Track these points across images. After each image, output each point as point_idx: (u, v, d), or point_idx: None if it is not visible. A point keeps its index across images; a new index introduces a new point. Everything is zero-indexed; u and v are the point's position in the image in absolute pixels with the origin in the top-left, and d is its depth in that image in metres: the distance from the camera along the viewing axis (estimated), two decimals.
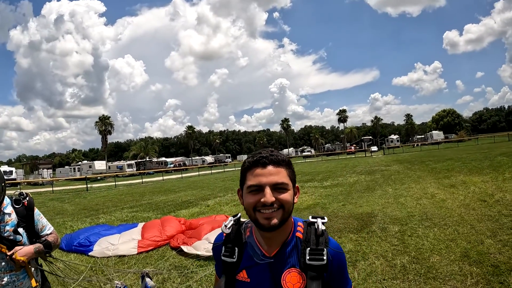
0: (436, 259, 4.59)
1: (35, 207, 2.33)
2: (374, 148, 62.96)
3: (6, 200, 2.21)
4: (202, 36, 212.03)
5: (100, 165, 57.14)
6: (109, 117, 66.61)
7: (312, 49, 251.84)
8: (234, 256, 1.28)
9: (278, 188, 1.19)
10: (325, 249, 1.21)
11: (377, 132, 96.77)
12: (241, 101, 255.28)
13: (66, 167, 66.69)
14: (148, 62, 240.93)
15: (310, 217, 1.32)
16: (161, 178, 37.00)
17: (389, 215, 7.49)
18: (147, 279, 3.04)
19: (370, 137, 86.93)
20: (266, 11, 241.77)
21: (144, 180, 33.84)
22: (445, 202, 8.22)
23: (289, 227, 1.28)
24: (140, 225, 8.13)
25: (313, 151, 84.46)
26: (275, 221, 1.16)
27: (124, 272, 5.14)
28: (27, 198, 2.30)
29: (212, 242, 5.27)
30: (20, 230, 2.18)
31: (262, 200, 1.16)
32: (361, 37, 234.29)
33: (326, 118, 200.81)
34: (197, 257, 5.68)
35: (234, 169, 47.56)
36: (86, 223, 10.27)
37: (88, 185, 28.67)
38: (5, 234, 2.09)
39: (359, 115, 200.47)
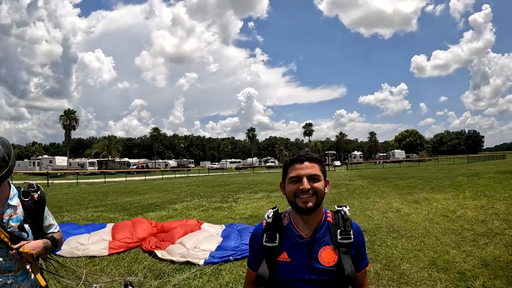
0: (406, 267, 4.88)
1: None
2: (338, 163, 64.49)
3: (13, 191, 1.98)
4: (175, 38, 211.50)
5: (61, 160, 54.94)
6: (75, 111, 64.56)
7: (283, 61, 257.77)
8: (276, 241, 1.55)
9: (312, 178, 1.51)
10: (351, 230, 1.54)
11: (341, 147, 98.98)
12: (207, 107, 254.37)
13: (26, 160, 63.97)
14: (118, 59, 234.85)
15: (336, 206, 1.64)
16: (124, 178, 36.14)
17: None
18: None
19: (334, 152, 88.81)
20: (242, 20, 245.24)
21: (107, 179, 32.83)
22: (410, 216, 8.64)
23: (321, 213, 1.59)
24: (109, 225, 7.93)
25: (277, 162, 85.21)
26: (310, 204, 1.47)
27: (109, 281, 4.98)
28: (39, 192, 2.06)
29: (187, 246, 5.30)
30: (26, 226, 1.93)
31: (300, 187, 1.49)
32: (332, 54, 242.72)
33: (291, 131, 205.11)
34: (172, 262, 5.63)
35: (198, 174, 47.15)
36: None
37: (49, 181, 27.49)
38: (9, 230, 1.85)
39: (324, 130, 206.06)
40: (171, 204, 13.27)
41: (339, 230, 1.53)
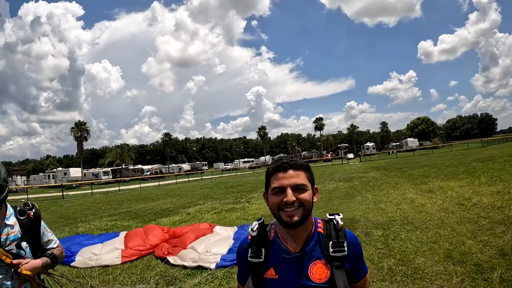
0: (421, 261, 4.74)
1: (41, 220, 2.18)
2: (351, 156, 64.01)
3: (10, 210, 2.05)
4: (179, 43, 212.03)
5: (75, 172, 55.92)
6: (85, 123, 65.26)
7: (289, 57, 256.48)
8: (261, 256, 1.41)
9: (298, 189, 1.36)
10: (345, 241, 1.39)
11: (353, 139, 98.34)
12: (217, 109, 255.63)
13: (41, 174, 64.98)
14: (125, 68, 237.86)
15: (327, 214, 1.49)
16: (138, 185, 36.34)
17: (371, 220, 7.65)
18: None
19: (346, 144, 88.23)
20: (245, 19, 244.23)
21: (121, 187, 33.12)
22: (424, 206, 8.46)
23: (310, 225, 1.44)
24: (122, 234, 7.97)
25: None
26: (296, 218, 1.33)
27: None
28: (34, 210, 2.14)
29: (198, 251, 5.28)
30: (24, 244, 2.00)
31: (284, 199, 1.33)
32: (338, 46, 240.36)
33: (302, 126, 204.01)
34: (184, 267, 5.62)
35: (211, 176, 47.33)
36: (64, 232, 9.98)
37: (64, 193, 27.86)
38: (7, 248, 1.91)
39: (335, 123, 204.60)
40: (185, 209, 13.30)
41: (331, 242, 1.39)
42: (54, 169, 62.67)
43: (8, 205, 2.06)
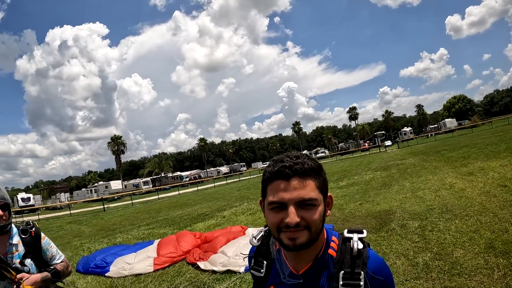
0: (459, 254, 4.37)
1: (45, 237, 2.31)
2: (388, 143, 62.26)
3: (14, 230, 2.19)
4: (205, 48, 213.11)
5: (116, 184, 57.76)
6: (121, 136, 67.22)
7: (316, 49, 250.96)
8: (262, 271, 1.17)
9: (304, 204, 1.00)
10: (362, 272, 1.02)
11: (389, 126, 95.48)
12: (250, 109, 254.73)
13: (83, 189, 67.58)
14: (155, 79, 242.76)
15: (345, 231, 1.12)
16: (177, 192, 36.95)
17: (408, 211, 7.26)
18: None
19: (383, 132, 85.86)
20: (267, 17, 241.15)
21: (160, 196, 33.95)
22: (464, 191, 7.94)
23: (320, 242, 1.11)
24: (156, 242, 8.11)
25: (327, 151, 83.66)
26: (300, 240, 1.00)
27: None
28: (34, 228, 2.26)
29: (228, 255, 5.21)
30: (28, 261, 2.15)
31: (285, 220, 0.98)
32: (364, 32, 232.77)
33: (337, 117, 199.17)
34: (214, 272, 5.58)
35: (249, 177, 47.46)
36: (103, 243, 10.29)
37: (105, 205, 28.96)
38: (13, 266, 2.05)
39: (370, 111, 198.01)
40: (220, 212, 13.33)
41: (342, 272, 1.04)
42: (96, 184, 65.23)
43: (13, 225, 2.21)
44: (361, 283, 1.00)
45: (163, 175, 72.42)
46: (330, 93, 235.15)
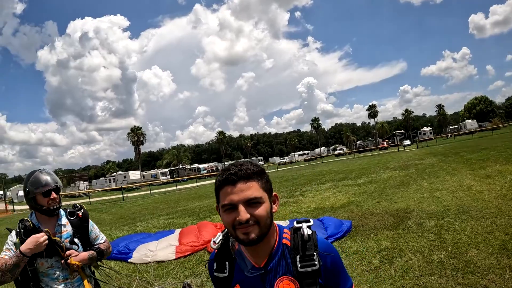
0: (473, 253, 4.51)
1: (89, 219, 2.51)
2: (407, 142, 61.40)
3: (61, 213, 2.38)
4: (225, 42, 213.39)
5: (134, 175, 58.74)
6: (141, 127, 68.32)
7: (337, 45, 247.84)
8: (226, 271, 1.31)
9: (251, 203, 1.18)
10: (314, 253, 1.22)
11: (408, 125, 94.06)
12: (269, 103, 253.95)
13: (102, 178, 69.06)
14: (175, 71, 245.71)
15: (295, 222, 1.32)
16: (195, 184, 37.08)
17: (425, 210, 7.37)
18: None
19: (402, 131, 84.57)
20: (288, 11, 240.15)
21: (178, 187, 34.35)
22: (481, 193, 7.98)
23: (273, 237, 1.29)
24: (177, 231, 8.36)
25: (345, 149, 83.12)
26: (252, 235, 1.17)
27: (168, 284, 5.30)
28: (82, 210, 2.47)
29: None
30: (76, 240, 2.36)
31: (237, 218, 1.16)
32: (385, 29, 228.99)
33: (356, 115, 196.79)
34: None
35: (266, 171, 47.45)
36: (124, 231, 10.67)
37: (124, 195, 29.57)
38: (62, 244, 2.24)
39: (390, 109, 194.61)
40: None
41: (298, 256, 1.22)
42: (114, 173, 66.48)
43: (60, 209, 2.39)
44: (316, 262, 1.20)
45: (181, 166, 73.15)
46: (350, 89, 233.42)
